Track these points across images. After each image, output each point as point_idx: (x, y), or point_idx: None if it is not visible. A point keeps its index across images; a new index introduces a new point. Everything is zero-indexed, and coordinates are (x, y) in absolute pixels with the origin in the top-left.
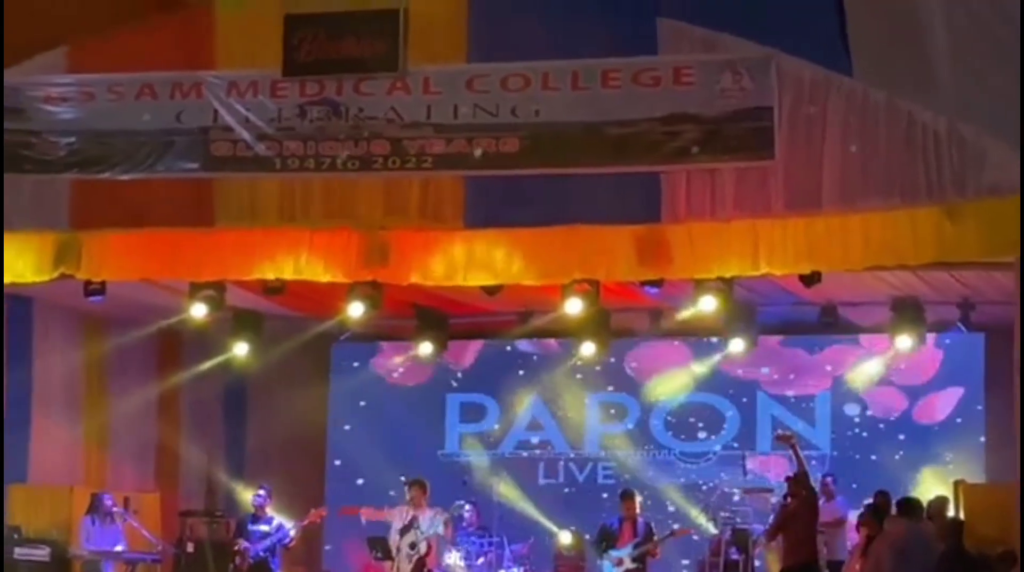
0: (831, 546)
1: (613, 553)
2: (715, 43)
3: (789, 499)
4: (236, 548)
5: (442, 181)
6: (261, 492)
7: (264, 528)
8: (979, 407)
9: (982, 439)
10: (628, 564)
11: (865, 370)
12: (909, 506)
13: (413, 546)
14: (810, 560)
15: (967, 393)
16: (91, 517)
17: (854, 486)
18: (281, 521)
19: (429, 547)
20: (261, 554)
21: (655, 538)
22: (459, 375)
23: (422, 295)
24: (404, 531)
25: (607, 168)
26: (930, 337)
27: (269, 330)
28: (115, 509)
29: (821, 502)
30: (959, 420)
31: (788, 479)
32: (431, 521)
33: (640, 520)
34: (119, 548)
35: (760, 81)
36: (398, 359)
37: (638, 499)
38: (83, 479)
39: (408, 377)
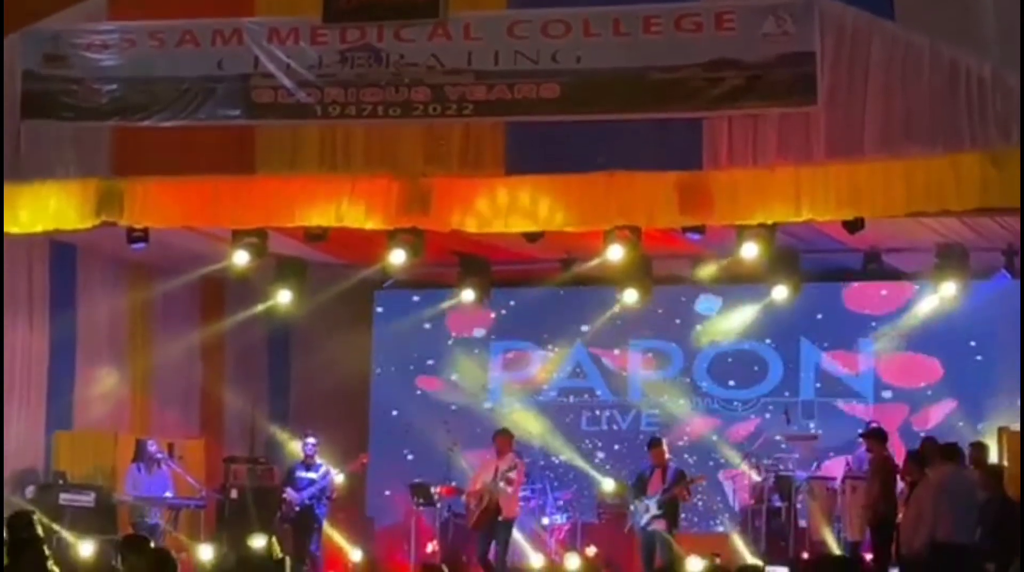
0: None
1: (643, 500)
2: None
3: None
4: (283, 496)
5: (483, 128)
6: (310, 439)
7: (312, 476)
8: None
9: None
10: (654, 511)
11: (909, 317)
12: (951, 452)
13: (481, 498)
14: (889, 515)
15: (1011, 340)
16: (137, 464)
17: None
18: (328, 468)
19: (492, 497)
20: (307, 501)
21: (684, 481)
22: (501, 322)
23: (464, 242)
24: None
25: (648, 114)
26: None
27: (312, 277)
28: (158, 455)
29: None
30: (1004, 368)
31: (865, 436)
32: (505, 469)
33: (671, 466)
34: (167, 494)
35: (803, 26)
36: (441, 306)
37: (666, 445)
38: (128, 426)
39: (450, 324)
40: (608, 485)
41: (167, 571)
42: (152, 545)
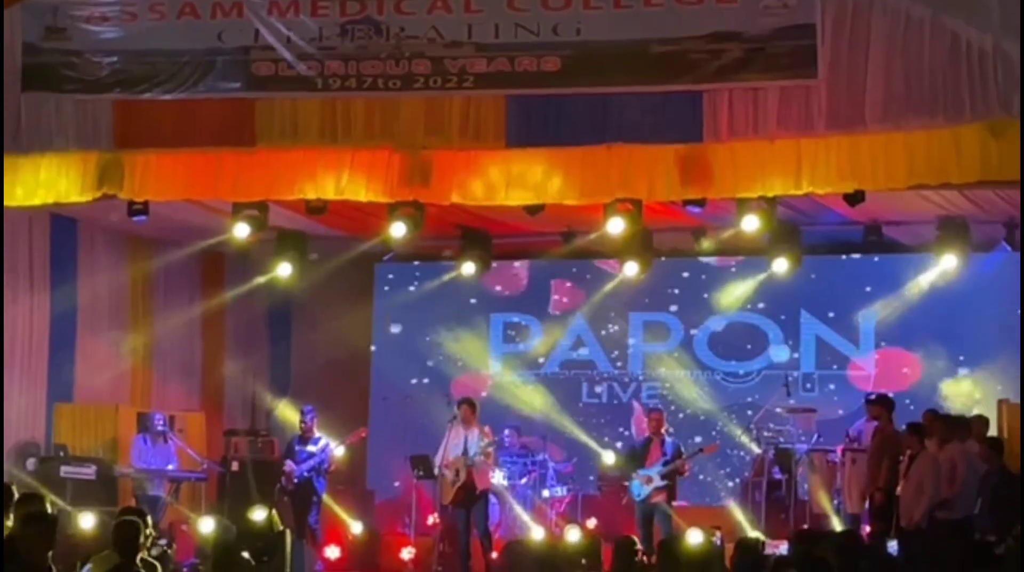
0: None
1: (642, 472)
2: None
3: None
4: (284, 469)
5: (483, 101)
6: (307, 413)
7: (311, 449)
8: None
9: None
10: (657, 482)
11: (909, 288)
12: (954, 425)
13: (457, 473)
14: (888, 487)
15: (1012, 311)
16: (143, 436)
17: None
18: (327, 441)
19: (470, 472)
20: (306, 474)
21: (683, 456)
22: (502, 295)
23: (464, 215)
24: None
25: (649, 87)
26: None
27: (313, 250)
28: (159, 428)
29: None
30: (1006, 338)
31: (870, 403)
32: (477, 440)
33: (668, 439)
34: (170, 467)
35: None
36: (442, 279)
37: (665, 417)
38: (128, 399)
39: (451, 297)
40: (609, 457)
41: (127, 535)
42: (146, 518)
